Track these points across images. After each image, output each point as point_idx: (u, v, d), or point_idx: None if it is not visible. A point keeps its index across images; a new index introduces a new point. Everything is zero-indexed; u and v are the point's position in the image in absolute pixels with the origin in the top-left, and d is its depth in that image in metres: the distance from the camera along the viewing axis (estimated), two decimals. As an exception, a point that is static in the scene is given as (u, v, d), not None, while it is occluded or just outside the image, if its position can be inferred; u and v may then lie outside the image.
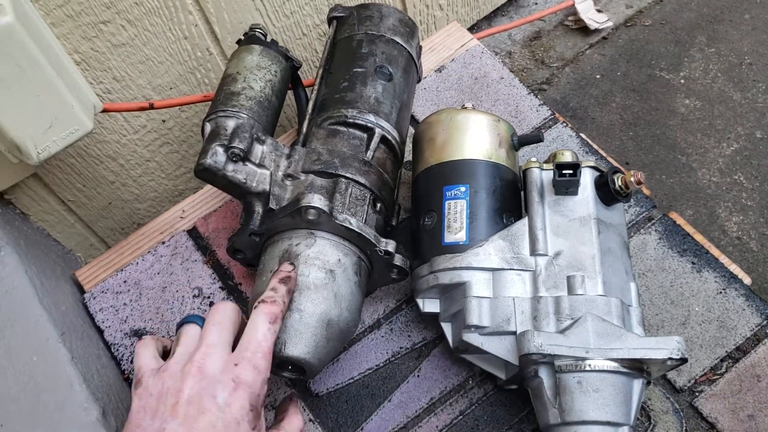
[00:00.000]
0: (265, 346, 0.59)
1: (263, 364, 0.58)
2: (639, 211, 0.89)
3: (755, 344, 0.79)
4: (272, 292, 0.64)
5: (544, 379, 0.66)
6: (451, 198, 0.76)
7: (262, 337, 0.59)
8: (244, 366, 0.56)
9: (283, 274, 0.67)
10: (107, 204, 1.10)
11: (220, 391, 0.55)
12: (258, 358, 0.58)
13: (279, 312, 0.62)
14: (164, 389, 0.57)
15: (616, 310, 0.68)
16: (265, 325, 0.60)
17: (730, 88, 1.33)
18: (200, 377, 0.56)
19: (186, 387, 0.55)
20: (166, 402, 0.55)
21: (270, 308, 0.61)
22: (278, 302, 0.63)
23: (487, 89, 1.02)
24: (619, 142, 1.29)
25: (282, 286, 0.65)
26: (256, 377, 0.57)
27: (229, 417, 0.54)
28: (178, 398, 0.55)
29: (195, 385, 0.55)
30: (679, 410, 0.76)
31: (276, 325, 0.61)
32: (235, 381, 0.56)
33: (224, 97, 0.78)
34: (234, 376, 0.56)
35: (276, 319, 0.61)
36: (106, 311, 0.89)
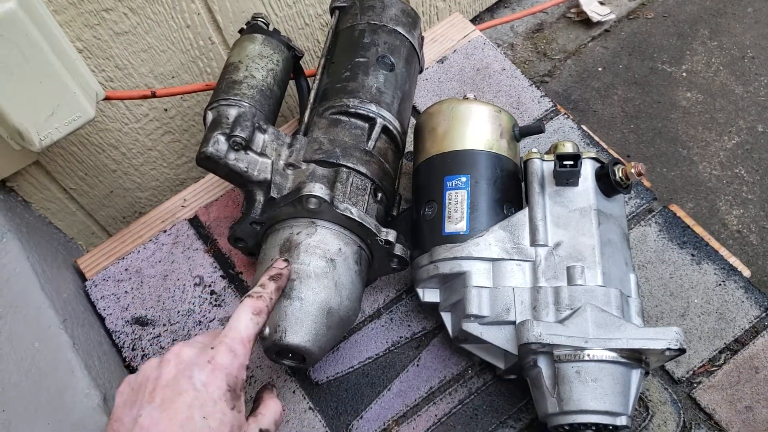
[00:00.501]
0: (245, 333, 0.59)
1: (240, 349, 0.58)
2: (639, 203, 0.89)
3: (754, 336, 0.80)
4: (260, 288, 0.65)
5: (543, 369, 0.67)
6: (451, 188, 0.76)
7: (244, 326, 0.60)
8: (220, 349, 0.57)
9: (274, 270, 0.68)
10: (109, 192, 1.10)
11: (197, 372, 0.55)
12: (236, 343, 0.58)
13: (264, 306, 0.62)
14: (143, 379, 0.57)
15: (615, 300, 0.68)
16: (247, 315, 0.61)
17: (732, 82, 1.33)
18: (177, 362, 0.56)
19: (164, 373, 0.56)
20: (144, 391, 0.56)
21: (255, 302, 0.62)
22: (264, 297, 0.63)
23: (488, 80, 1.02)
24: (620, 135, 1.29)
25: (271, 282, 0.66)
26: (232, 360, 0.57)
27: (206, 396, 0.54)
28: (156, 384, 0.55)
29: (172, 370, 0.56)
30: (677, 401, 0.77)
31: (259, 317, 0.61)
32: (211, 363, 0.56)
33: (226, 86, 0.78)
34: (210, 357, 0.56)
35: (260, 312, 0.62)
36: (107, 299, 0.89)
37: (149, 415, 0.53)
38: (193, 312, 0.87)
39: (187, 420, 0.53)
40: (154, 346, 0.85)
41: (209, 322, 0.86)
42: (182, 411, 0.53)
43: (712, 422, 0.75)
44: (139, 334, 0.86)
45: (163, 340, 0.85)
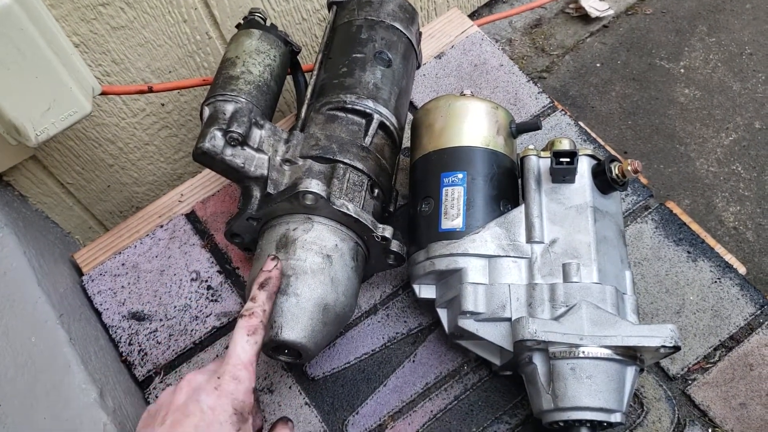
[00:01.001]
0: (245, 357, 0.62)
1: (244, 375, 0.61)
2: (636, 200, 0.89)
3: (749, 333, 0.80)
4: (251, 303, 0.66)
5: (538, 366, 0.67)
6: (448, 185, 0.76)
7: (241, 349, 0.62)
8: (225, 377, 0.60)
9: (262, 276, 0.68)
10: (106, 187, 1.10)
11: (204, 396, 0.58)
12: (238, 369, 0.61)
13: (257, 323, 0.64)
14: (159, 406, 0.61)
15: (610, 297, 0.68)
16: (243, 339, 0.63)
17: (729, 78, 1.33)
18: (188, 389, 0.60)
19: (176, 399, 0.59)
20: (158, 415, 0.59)
21: (247, 322, 0.64)
22: (256, 313, 0.64)
23: (486, 76, 1.02)
24: (617, 131, 1.29)
25: (261, 292, 0.67)
26: (237, 386, 0.60)
27: (212, 418, 0.57)
28: (168, 409, 0.59)
29: (183, 396, 0.59)
30: (672, 398, 0.77)
31: (256, 336, 0.63)
32: (217, 388, 0.59)
33: (223, 81, 0.78)
34: (216, 384, 0.59)
35: (255, 331, 0.63)
36: (104, 294, 0.89)
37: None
38: (190, 307, 0.87)
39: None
40: (151, 341, 0.85)
41: (206, 317, 0.86)
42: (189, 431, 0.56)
43: (706, 419, 0.76)
44: (136, 329, 0.86)
45: (160, 335, 0.85)
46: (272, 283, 0.68)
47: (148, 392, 0.82)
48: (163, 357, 0.84)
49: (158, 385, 0.82)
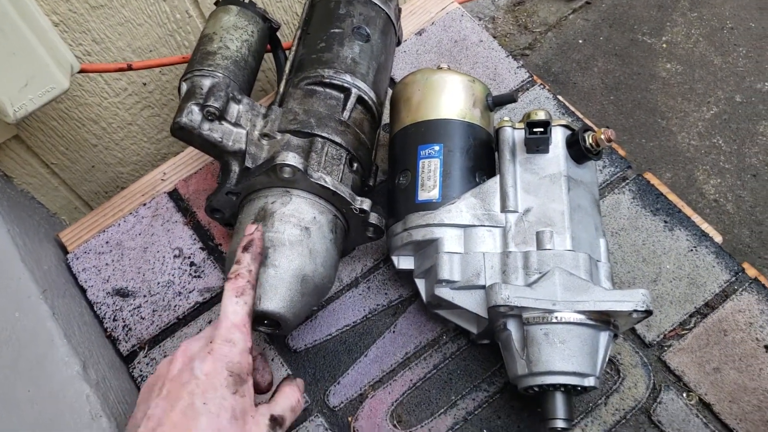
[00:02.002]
0: (235, 319, 0.61)
1: (237, 336, 0.60)
2: (613, 171, 0.90)
3: (723, 300, 0.81)
4: (236, 266, 0.66)
5: (512, 332, 0.68)
6: (425, 157, 0.77)
7: (232, 312, 0.62)
8: (217, 341, 0.59)
9: (245, 240, 0.68)
10: (90, 167, 1.11)
11: (198, 363, 0.58)
12: (230, 332, 0.60)
13: (244, 283, 0.64)
14: (156, 378, 0.60)
15: (584, 264, 0.69)
16: (232, 301, 0.62)
17: (711, 53, 1.34)
18: (183, 357, 0.60)
19: (171, 368, 0.59)
20: (155, 387, 0.59)
21: (234, 283, 0.63)
22: (242, 274, 0.64)
23: (466, 52, 1.03)
24: (600, 107, 1.30)
25: (245, 254, 0.66)
26: (231, 349, 0.59)
27: (207, 384, 0.57)
28: (165, 379, 0.59)
29: (179, 365, 0.59)
30: (648, 364, 0.78)
31: (245, 296, 0.63)
32: (210, 353, 0.58)
33: (200, 57, 0.79)
34: (210, 349, 0.59)
35: (243, 291, 0.63)
36: (88, 271, 0.90)
37: (156, 406, 0.57)
38: (173, 283, 0.88)
39: (188, 407, 0.55)
40: (135, 316, 0.86)
41: (189, 293, 0.87)
42: (184, 398, 0.56)
43: (681, 384, 0.77)
44: (120, 305, 0.87)
45: (144, 311, 0.86)
46: (255, 244, 0.68)
47: (132, 366, 0.83)
48: (147, 332, 0.85)
49: (142, 359, 0.84)
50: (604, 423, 0.75)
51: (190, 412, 0.55)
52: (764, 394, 0.75)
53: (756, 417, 0.74)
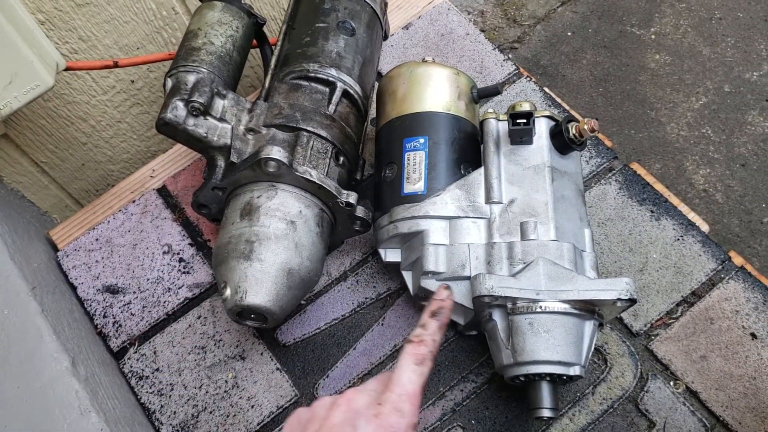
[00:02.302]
0: (410, 388, 0.57)
1: (407, 408, 0.56)
2: (600, 162, 0.91)
3: (710, 288, 0.82)
4: (421, 330, 0.62)
5: (497, 322, 0.68)
6: (410, 150, 0.77)
7: (407, 379, 0.58)
8: (387, 407, 0.56)
9: (435, 304, 0.65)
10: (80, 165, 1.11)
11: (362, 423, 0.55)
12: (402, 401, 0.57)
13: (426, 352, 0.60)
14: (312, 416, 0.58)
15: (568, 254, 0.69)
16: (410, 367, 0.59)
17: (699, 43, 1.34)
18: (347, 409, 0.57)
19: (332, 416, 0.56)
20: (311, 427, 0.56)
21: (416, 349, 0.60)
22: (426, 341, 0.61)
23: (452, 45, 1.03)
24: (589, 98, 1.30)
25: (433, 321, 0.63)
26: (398, 420, 0.56)
27: None
28: (322, 425, 0.56)
29: (340, 416, 0.56)
30: (635, 353, 0.79)
31: (423, 367, 0.59)
32: (377, 417, 0.55)
33: (185, 53, 0.79)
34: (377, 412, 0.56)
35: (423, 360, 0.59)
36: (79, 268, 0.91)
37: None
38: (162, 279, 0.88)
39: None
40: (125, 313, 0.86)
41: (178, 288, 0.87)
42: None
43: (668, 372, 0.78)
44: (110, 302, 0.87)
45: (134, 307, 0.87)
46: (444, 313, 0.64)
47: (123, 362, 0.84)
48: (137, 328, 0.85)
49: (132, 355, 0.84)
50: (592, 412, 0.76)
51: None
52: (750, 381, 0.76)
53: (742, 404, 0.75)
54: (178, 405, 0.80)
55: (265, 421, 0.78)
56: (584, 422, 0.75)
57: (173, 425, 0.79)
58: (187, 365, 0.82)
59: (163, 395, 0.81)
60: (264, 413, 0.79)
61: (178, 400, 0.80)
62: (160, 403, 0.80)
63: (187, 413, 0.79)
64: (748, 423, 0.74)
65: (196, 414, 0.79)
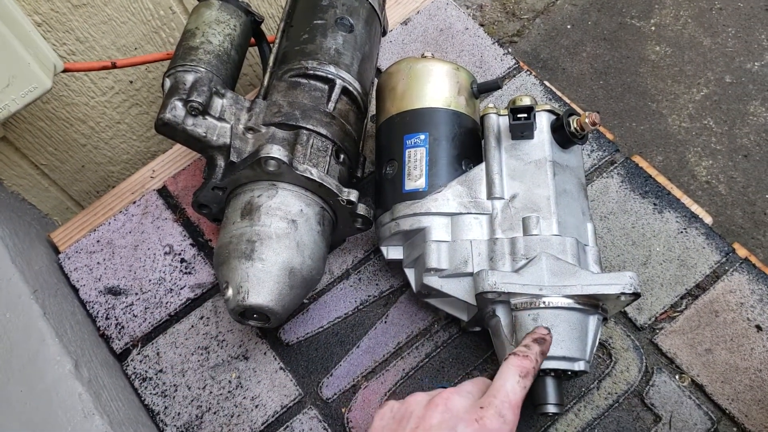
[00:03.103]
0: (513, 397, 0.56)
1: (510, 416, 0.55)
2: (602, 155, 0.90)
3: (714, 281, 0.81)
4: (525, 348, 0.61)
5: (501, 318, 0.68)
6: (411, 146, 0.77)
7: (511, 388, 0.57)
8: (489, 411, 0.55)
9: (537, 334, 0.64)
10: (80, 167, 1.10)
11: (462, 427, 0.53)
12: (505, 407, 0.55)
13: (531, 368, 0.59)
14: (407, 413, 0.56)
15: (571, 248, 0.69)
16: (515, 378, 0.58)
17: (700, 34, 1.33)
18: (444, 410, 0.55)
19: (428, 416, 0.55)
20: (406, 425, 0.55)
21: (521, 362, 0.59)
22: (531, 358, 0.60)
23: (452, 40, 1.03)
24: (589, 91, 1.30)
25: (536, 345, 0.62)
26: (501, 426, 0.54)
27: None
28: (419, 424, 0.55)
29: (438, 416, 0.55)
30: (640, 347, 0.78)
31: (526, 380, 0.58)
32: (478, 422, 0.54)
33: (183, 52, 0.79)
34: (478, 416, 0.54)
35: (527, 374, 0.58)
36: (80, 270, 0.90)
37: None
38: (164, 280, 0.88)
39: None
40: (127, 314, 0.86)
41: (180, 289, 0.87)
42: None
43: (673, 366, 0.77)
44: (113, 304, 0.87)
45: (136, 309, 0.86)
46: (546, 344, 0.63)
47: (126, 364, 0.83)
48: (140, 330, 0.85)
49: (135, 357, 0.84)
50: (597, 407, 0.75)
51: None
52: (756, 374, 0.75)
53: (748, 396, 0.74)
54: (182, 406, 0.80)
55: (269, 421, 0.78)
56: (590, 417, 0.75)
57: (177, 426, 0.79)
58: (190, 366, 0.82)
59: (167, 396, 0.81)
60: (268, 413, 0.78)
61: (182, 401, 0.80)
62: (164, 405, 0.80)
63: (192, 414, 0.79)
64: (755, 415, 0.74)
65: (200, 415, 0.79)
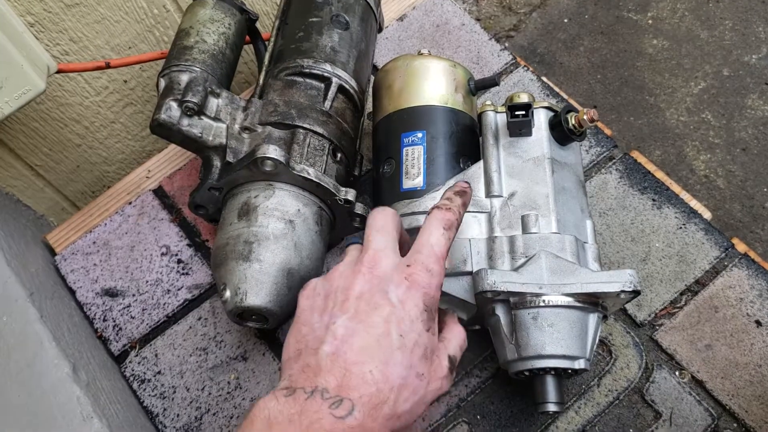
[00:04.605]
0: (438, 250, 0.55)
1: (436, 268, 0.54)
2: (600, 151, 0.90)
3: (714, 276, 0.81)
4: (447, 201, 0.59)
5: (500, 317, 0.67)
6: (408, 144, 0.76)
7: (435, 241, 0.55)
8: (416, 267, 0.53)
9: (458, 187, 0.62)
10: (75, 167, 1.10)
11: (393, 288, 0.52)
12: (431, 261, 0.54)
13: (454, 219, 0.57)
14: (333, 288, 0.54)
15: (570, 246, 0.68)
16: (438, 231, 0.56)
17: (697, 27, 1.33)
18: (371, 276, 0.53)
19: (356, 284, 0.53)
20: (335, 299, 0.53)
21: (444, 214, 0.57)
22: (453, 210, 0.58)
23: (448, 36, 1.02)
24: (587, 86, 1.29)
25: (457, 197, 0.60)
26: (430, 279, 0.53)
27: (403, 313, 0.51)
28: (348, 295, 0.53)
29: (366, 284, 0.53)
30: (640, 344, 0.78)
31: (450, 232, 0.57)
32: (408, 280, 0.53)
33: (177, 52, 0.78)
34: (407, 274, 0.53)
35: (450, 226, 0.57)
36: (77, 272, 0.90)
37: (344, 325, 0.51)
38: (161, 281, 0.87)
39: (383, 335, 0.51)
40: (125, 316, 0.86)
41: (177, 290, 0.86)
42: (379, 325, 0.51)
43: (673, 362, 0.77)
44: (110, 305, 0.87)
45: (133, 310, 0.86)
46: (467, 195, 0.62)
47: (124, 366, 0.83)
48: (138, 331, 0.85)
49: (134, 359, 0.83)
50: (598, 404, 0.75)
51: (385, 342, 0.50)
52: (756, 369, 0.75)
53: (748, 392, 0.74)
54: (181, 408, 0.80)
55: (269, 422, 0.78)
56: (590, 415, 0.75)
57: (177, 428, 0.78)
58: (188, 367, 0.82)
59: (166, 398, 0.80)
60: (268, 414, 0.78)
61: (180, 402, 0.80)
62: (163, 407, 0.80)
63: (191, 416, 0.79)
64: (755, 411, 0.73)
65: (199, 416, 0.79)
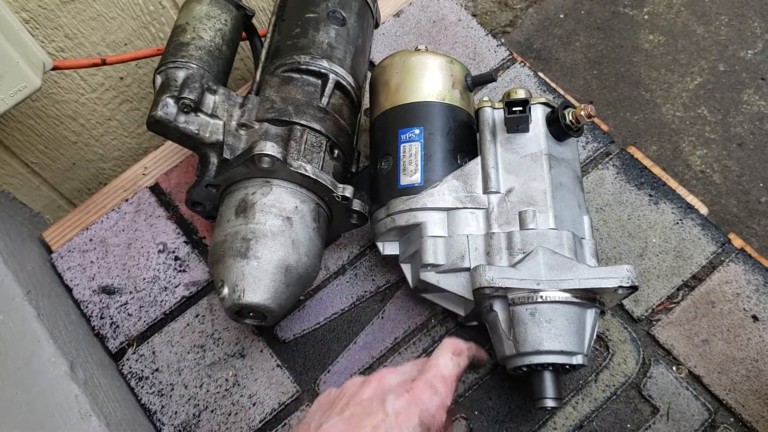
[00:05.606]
0: (446, 372, 0.57)
1: (441, 387, 0.55)
2: (597, 146, 0.90)
3: (710, 272, 0.81)
4: None
5: (498, 313, 0.68)
6: (405, 141, 0.76)
7: (443, 363, 0.57)
8: (420, 383, 0.55)
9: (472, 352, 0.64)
10: (71, 165, 1.09)
11: (392, 398, 0.53)
12: (437, 380, 0.56)
13: (465, 348, 0.60)
14: (342, 394, 0.57)
15: (567, 242, 0.69)
16: (447, 355, 0.58)
17: (693, 22, 1.33)
18: (377, 386, 0.56)
19: (362, 392, 0.55)
20: (339, 403, 0.55)
21: (455, 343, 0.60)
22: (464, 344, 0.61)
23: (445, 32, 1.02)
24: (583, 81, 1.29)
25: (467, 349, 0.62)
26: (432, 397, 0.54)
27: (393, 424, 0.52)
28: (351, 400, 0.55)
29: (370, 391, 0.55)
30: (637, 339, 0.78)
31: (460, 358, 0.59)
32: (408, 392, 0.54)
33: (173, 48, 0.78)
34: (409, 388, 0.54)
35: (460, 353, 0.59)
36: (74, 270, 0.90)
37: (333, 425, 0.52)
38: (159, 278, 0.87)
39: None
40: (122, 313, 0.86)
41: (174, 287, 0.86)
42: (366, 430, 0.51)
43: (670, 357, 0.77)
44: (107, 303, 0.87)
45: (130, 308, 0.86)
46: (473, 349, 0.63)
47: (122, 364, 0.83)
48: (135, 328, 0.85)
49: (131, 356, 0.83)
50: (595, 400, 0.75)
51: None
52: (752, 364, 0.75)
53: (745, 387, 0.74)
54: (179, 405, 0.80)
55: (267, 419, 0.78)
56: (588, 410, 0.75)
57: (175, 425, 0.78)
58: (186, 364, 0.82)
59: (164, 395, 0.80)
60: (266, 410, 0.78)
61: (178, 399, 0.80)
62: (161, 404, 0.80)
63: (189, 413, 0.79)
64: (752, 406, 0.74)
65: (197, 413, 0.79)
